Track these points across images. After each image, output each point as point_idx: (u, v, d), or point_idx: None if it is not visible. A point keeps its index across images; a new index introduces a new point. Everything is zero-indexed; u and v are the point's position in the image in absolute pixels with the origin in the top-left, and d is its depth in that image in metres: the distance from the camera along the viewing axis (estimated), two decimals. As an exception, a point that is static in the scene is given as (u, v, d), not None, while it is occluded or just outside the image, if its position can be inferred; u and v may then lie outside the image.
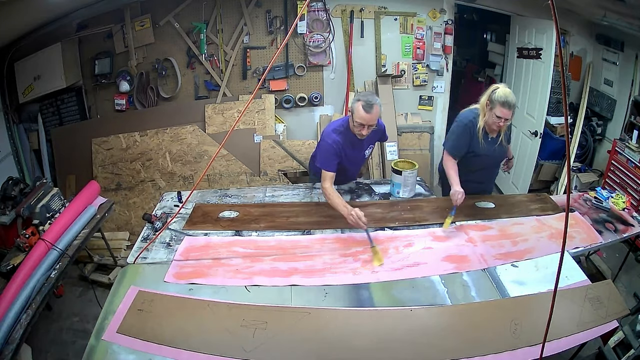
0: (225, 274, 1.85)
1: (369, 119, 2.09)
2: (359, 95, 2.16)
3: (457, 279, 1.83)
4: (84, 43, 3.62)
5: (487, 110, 2.18)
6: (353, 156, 2.36)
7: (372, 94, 2.13)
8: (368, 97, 2.11)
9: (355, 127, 2.14)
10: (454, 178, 2.21)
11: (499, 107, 2.10)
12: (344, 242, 2.08)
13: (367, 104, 2.06)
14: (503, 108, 2.09)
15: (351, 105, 2.14)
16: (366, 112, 2.08)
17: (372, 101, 2.07)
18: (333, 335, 1.54)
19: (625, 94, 3.57)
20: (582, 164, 3.93)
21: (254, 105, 3.78)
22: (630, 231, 2.22)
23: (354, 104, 2.11)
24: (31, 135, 3.76)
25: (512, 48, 4.20)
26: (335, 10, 3.71)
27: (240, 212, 2.35)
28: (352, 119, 2.15)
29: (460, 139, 2.27)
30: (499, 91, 2.12)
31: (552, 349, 1.47)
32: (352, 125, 2.19)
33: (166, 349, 1.48)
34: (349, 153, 2.30)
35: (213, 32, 3.67)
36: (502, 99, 2.09)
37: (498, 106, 2.10)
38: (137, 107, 3.81)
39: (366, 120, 2.10)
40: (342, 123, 2.30)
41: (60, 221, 2.42)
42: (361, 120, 2.10)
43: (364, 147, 2.41)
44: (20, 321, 1.83)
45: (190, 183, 3.76)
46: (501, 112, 2.10)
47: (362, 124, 2.12)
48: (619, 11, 3.16)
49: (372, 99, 2.10)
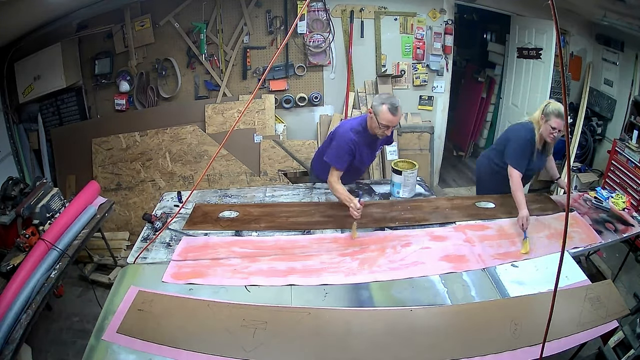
0: (223, 274, 1.85)
1: (395, 120, 2.22)
2: (381, 98, 2.26)
3: (457, 279, 1.83)
4: (84, 43, 3.62)
5: (542, 123, 2.29)
6: (366, 156, 2.45)
7: (393, 96, 2.31)
8: (391, 99, 2.23)
9: (380, 127, 2.24)
10: (523, 201, 2.24)
11: (553, 118, 2.23)
12: (342, 242, 2.09)
13: (393, 107, 2.18)
14: (557, 119, 2.22)
15: (374, 107, 2.23)
16: (393, 115, 2.19)
17: (397, 104, 2.21)
18: (333, 335, 1.54)
19: (625, 94, 3.57)
20: (582, 164, 3.93)
21: (254, 105, 3.78)
22: (630, 231, 2.22)
23: (379, 106, 2.20)
24: (31, 135, 3.76)
25: (512, 48, 4.21)
26: (335, 10, 3.71)
27: (240, 212, 2.35)
28: (374, 120, 2.24)
29: (525, 155, 2.35)
30: (552, 104, 2.28)
31: (552, 349, 1.47)
32: (374, 126, 2.28)
33: (166, 349, 1.48)
34: (363, 153, 2.38)
35: (213, 32, 3.67)
36: (556, 111, 2.22)
37: (553, 117, 2.23)
38: (137, 107, 3.81)
39: (392, 122, 2.22)
40: (360, 122, 2.37)
41: (60, 221, 2.42)
42: (387, 122, 2.21)
43: (377, 148, 2.52)
44: (20, 321, 1.83)
45: (190, 183, 3.76)
46: (556, 122, 2.23)
47: (388, 126, 2.23)
48: (619, 11, 3.16)
49: (396, 101, 2.22)
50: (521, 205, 2.20)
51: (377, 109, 2.20)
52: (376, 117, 2.22)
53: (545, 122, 2.26)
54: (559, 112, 2.21)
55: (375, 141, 2.42)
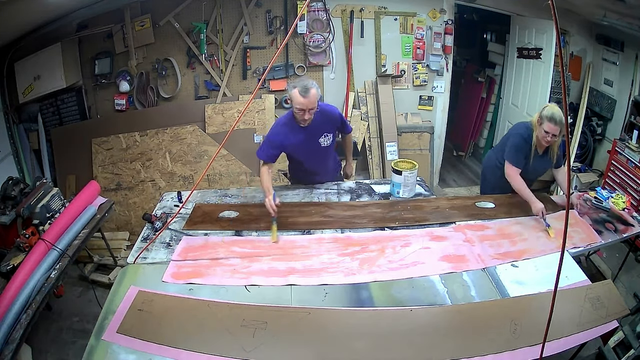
0: (223, 274, 1.85)
1: (307, 102, 2.15)
2: (294, 82, 2.25)
3: (457, 279, 1.83)
4: (84, 43, 3.62)
5: (537, 126, 2.31)
6: (303, 146, 2.37)
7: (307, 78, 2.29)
8: (303, 81, 2.19)
9: (297, 113, 2.21)
10: (529, 194, 2.28)
11: (546, 122, 2.24)
12: (342, 241, 2.08)
13: (303, 89, 2.13)
14: (550, 123, 2.23)
15: (289, 93, 2.21)
16: (303, 97, 2.13)
17: (308, 85, 2.14)
18: (333, 335, 1.54)
19: (625, 94, 3.57)
20: (582, 164, 3.93)
21: (254, 105, 3.78)
22: (630, 231, 2.22)
23: (291, 91, 2.18)
24: (31, 135, 3.76)
25: (512, 48, 4.21)
26: (335, 10, 3.71)
27: (240, 212, 2.35)
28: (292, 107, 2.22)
29: (521, 152, 2.38)
30: (547, 108, 2.29)
31: (552, 349, 1.47)
32: (295, 113, 2.25)
33: (166, 349, 1.48)
34: (295, 143, 2.34)
35: (213, 32, 3.67)
36: (549, 115, 2.23)
37: (546, 122, 2.25)
38: (137, 107, 3.81)
39: (304, 105, 2.16)
40: (287, 114, 2.38)
41: (60, 221, 2.42)
42: (300, 105, 2.16)
43: (316, 136, 2.39)
44: (20, 321, 1.83)
45: (190, 183, 3.76)
46: (548, 127, 2.24)
47: (302, 109, 2.18)
48: (619, 11, 3.16)
49: (308, 83, 2.17)
50: (531, 199, 2.25)
51: (290, 94, 2.19)
52: (291, 103, 2.21)
53: (540, 125, 2.29)
54: (552, 116, 2.22)
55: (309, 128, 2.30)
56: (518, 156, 2.37)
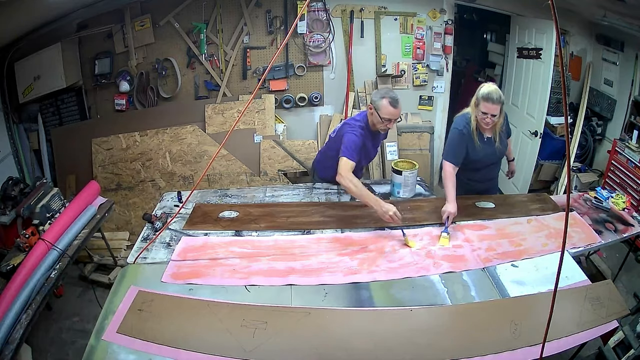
0: (223, 274, 1.85)
1: (396, 113, 2.25)
2: (380, 92, 2.28)
3: (457, 279, 1.83)
4: (84, 43, 3.62)
5: (474, 108, 2.24)
6: (371, 151, 2.49)
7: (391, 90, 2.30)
8: (391, 93, 2.25)
9: (382, 122, 2.26)
10: (450, 193, 2.20)
11: (482, 102, 2.17)
12: (342, 241, 2.09)
13: (394, 100, 2.21)
14: (487, 103, 2.15)
15: (374, 102, 2.24)
16: (394, 107, 2.22)
17: (397, 96, 2.23)
18: (333, 335, 1.54)
19: (625, 94, 3.57)
20: (582, 164, 3.92)
21: (254, 105, 3.78)
22: (630, 231, 2.21)
23: (379, 101, 2.22)
24: (31, 135, 3.76)
25: (512, 48, 4.20)
26: (335, 10, 3.71)
27: (240, 212, 2.35)
28: (376, 115, 2.25)
29: (458, 147, 2.31)
30: (483, 88, 2.21)
31: (552, 349, 1.47)
32: (375, 121, 2.29)
33: (166, 349, 1.48)
34: (368, 147, 2.42)
35: (213, 32, 3.67)
36: (485, 94, 2.16)
37: (482, 102, 2.17)
38: (137, 107, 3.81)
39: (394, 115, 2.25)
40: (362, 118, 2.40)
41: (60, 221, 2.42)
42: (389, 116, 2.24)
43: (379, 143, 2.57)
44: (20, 321, 1.83)
45: (190, 183, 3.76)
46: (485, 107, 2.16)
47: (390, 119, 2.25)
48: (619, 11, 3.16)
49: (395, 94, 2.24)
50: (449, 197, 2.18)
51: (378, 104, 2.22)
52: (377, 112, 2.23)
53: (477, 107, 2.20)
54: (489, 95, 2.12)
55: (377, 136, 2.47)
56: (452, 151, 2.29)
